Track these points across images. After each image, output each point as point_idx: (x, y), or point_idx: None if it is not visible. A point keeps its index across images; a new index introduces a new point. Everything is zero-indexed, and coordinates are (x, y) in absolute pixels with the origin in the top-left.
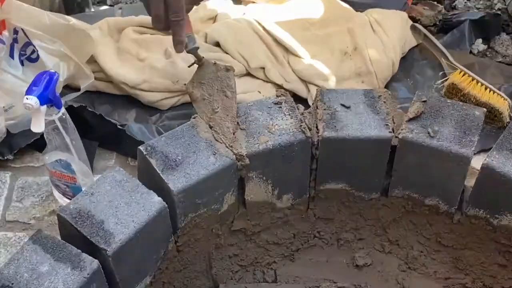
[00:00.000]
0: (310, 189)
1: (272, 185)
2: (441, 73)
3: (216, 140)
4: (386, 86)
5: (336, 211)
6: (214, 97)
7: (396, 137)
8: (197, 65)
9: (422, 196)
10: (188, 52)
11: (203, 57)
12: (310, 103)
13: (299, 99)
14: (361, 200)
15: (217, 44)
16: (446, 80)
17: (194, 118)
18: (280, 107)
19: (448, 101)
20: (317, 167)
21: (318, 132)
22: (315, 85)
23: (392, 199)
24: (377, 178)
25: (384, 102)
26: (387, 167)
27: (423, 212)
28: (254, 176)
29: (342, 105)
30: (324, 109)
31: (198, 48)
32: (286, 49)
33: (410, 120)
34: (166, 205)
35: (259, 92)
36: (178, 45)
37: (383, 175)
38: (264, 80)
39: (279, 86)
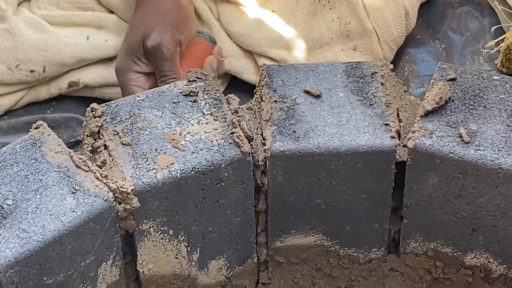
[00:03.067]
0: (258, 247)
1: (188, 244)
2: (494, 27)
3: (78, 166)
4: (398, 55)
5: (309, 285)
6: None
7: (405, 146)
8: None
9: (459, 250)
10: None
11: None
12: None
13: (238, 85)
14: (352, 262)
15: None
16: (504, 40)
17: (37, 127)
18: (195, 100)
19: (496, 77)
20: (268, 208)
21: (264, 144)
22: (268, 57)
23: (406, 258)
24: (377, 222)
25: (382, 84)
26: (393, 201)
27: (462, 280)
28: (151, 230)
29: (307, 92)
30: (275, 101)
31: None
32: None
33: (428, 114)
34: None
35: None
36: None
37: (387, 215)
38: None
39: None
